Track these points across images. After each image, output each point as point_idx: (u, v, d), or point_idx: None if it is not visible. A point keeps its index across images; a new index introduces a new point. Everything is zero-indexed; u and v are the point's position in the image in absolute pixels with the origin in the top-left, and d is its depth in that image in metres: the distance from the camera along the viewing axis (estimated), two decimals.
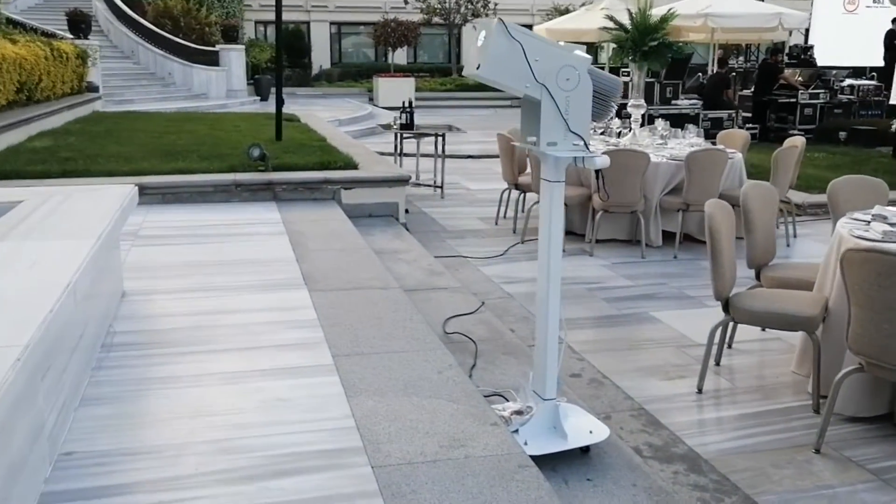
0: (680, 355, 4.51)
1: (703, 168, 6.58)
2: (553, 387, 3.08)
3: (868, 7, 21.79)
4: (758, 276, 4.58)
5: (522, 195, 7.71)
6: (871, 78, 18.26)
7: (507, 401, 3.43)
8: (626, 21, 7.48)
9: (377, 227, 6.98)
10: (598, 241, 6.86)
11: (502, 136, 7.64)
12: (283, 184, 7.15)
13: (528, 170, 7.83)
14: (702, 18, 13.48)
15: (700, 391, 4.02)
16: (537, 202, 7.46)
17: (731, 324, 4.11)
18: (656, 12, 7.92)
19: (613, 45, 7.89)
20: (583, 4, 24.87)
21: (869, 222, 4.05)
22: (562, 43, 2.79)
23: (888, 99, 15.68)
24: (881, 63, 19.08)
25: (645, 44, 6.94)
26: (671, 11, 7.44)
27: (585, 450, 3.14)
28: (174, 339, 3.69)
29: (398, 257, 5.99)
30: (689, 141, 7.49)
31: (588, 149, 2.78)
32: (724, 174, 6.84)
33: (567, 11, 24.36)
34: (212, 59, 19.83)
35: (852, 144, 13.47)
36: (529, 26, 23.06)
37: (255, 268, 4.94)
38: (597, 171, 2.84)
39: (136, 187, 4.38)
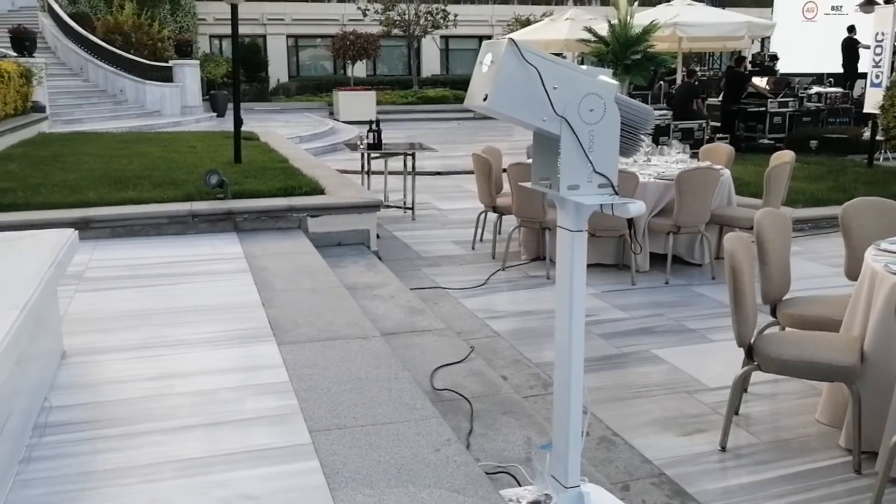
0: (693, 403, 4.08)
1: (695, 188, 6.19)
2: (576, 472, 2.60)
3: (826, 14, 21.90)
4: (773, 312, 4.18)
5: (500, 217, 7.26)
6: (829, 84, 18.25)
7: (516, 480, 2.96)
8: (605, 32, 7.08)
9: (348, 257, 6.48)
10: None
11: (478, 156, 7.19)
12: (244, 213, 6.61)
13: (506, 189, 7.40)
14: (670, 28, 13.22)
15: (723, 449, 3.58)
16: (517, 226, 7.10)
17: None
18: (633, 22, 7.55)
19: (593, 58, 7.48)
20: (544, 14, 24.71)
21: None
22: (584, 66, 2.34)
23: (855, 106, 15.64)
24: (839, 70, 19.20)
25: (627, 57, 6.54)
26: (653, 23, 7.07)
27: None
28: (123, 416, 3.15)
29: (373, 293, 5.49)
30: (675, 158, 7.12)
31: (616, 191, 2.32)
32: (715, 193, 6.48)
33: (528, 22, 24.12)
34: (165, 75, 19.13)
35: (824, 153, 13.29)
36: (489, 37, 22.88)
37: (216, 315, 4.41)
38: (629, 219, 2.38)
39: (76, 232, 3.82)
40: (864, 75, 18.57)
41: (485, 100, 2.20)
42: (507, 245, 6.73)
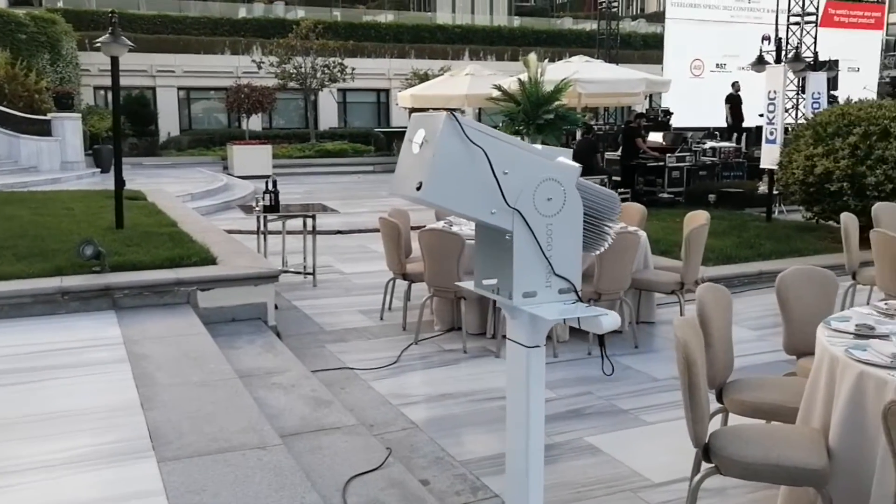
0: None
1: (615, 253, 5.88)
2: None
3: (712, 71, 22.79)
4: (718, 397, 3.82)
5: (410, 285, 6.76)
6: (718, 139, 18.82)
7: None
8: (514, 89, 6.79)
9: (242, 335, 5.83)
10: (503, 337, 5.99)
11: (386, 220, 6.70)
12: (124, 288, 5.88)
13: (417, 253, 6.93)
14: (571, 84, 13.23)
15: None
16: (431, 295, 6.62)
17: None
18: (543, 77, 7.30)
19: (505, 117, 7.18)
20: (442, 69, 24.70)
21: (857, 335, 3.38)
22: (538, 146, 1.89)
23: (747, 160, 16.09)
24: (724, 124, 19.93)
25: (539, 116, 6.24)
26: (564, 81, 6.83)
27: None
28: None
29: (272, 381, 4.86)
30: None
31: (580, 297, 1.87)
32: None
33: (427, 76, 24.06)
34: (43, 129, 17.89)
35: (722, 207, 13.47)
36: (387, 91, 22.63)
37: (83, 423, 3.71)
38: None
39: None
40: (748, 129, 19.45)
41: (418, 188, 1.71)
42: (419, 316, 6.23)
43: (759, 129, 20.31)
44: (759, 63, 11.74)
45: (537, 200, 1.81)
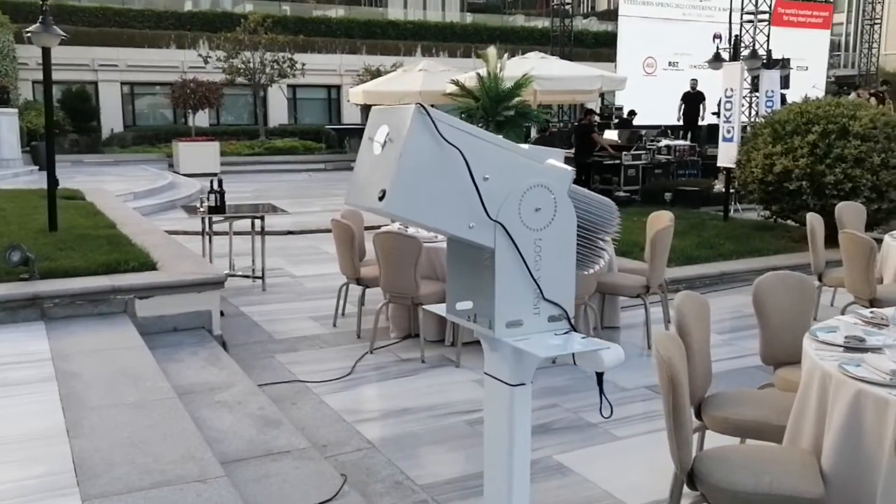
0: None
1: None
2: None
3: (664, 70, 22.83)
4: (698, 414, 3.58)
5: (365, 290, 6.42)
6: (668, 136, 18.83)
7: None
8: (473, 85, 6.49)
9: (184, 347, 5.43)
10: (463, 345, 5.70)
11: (339, 223, 6.35)
12: (54, 297, 5.43)
13: (371, 256, 6.60)
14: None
15: None
16: (387, 301, 6.28)
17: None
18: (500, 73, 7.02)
19: (462, 115, 6.88)
20: (394, 65, 24.34)
21: (847, 348, 3.16)
22: (525, 146, 1.59)
23: (701, 158, 16.06)
24: (677, 122, 19.99)
25: (499, 112, 5.95)
26: (526, 76, 6.56)
27: None
28: None
29: (216, 398, 4.49)
30: None
31: (573, 325, 1.57)
32: None
33: (378, 73, 23.66)
34: None
35: (678, 205, 13.37)
36: (338, 87, 22.19)
37: (1, 454, 3.30)
38: None
39: None
40: (699, 128, 19.52)
41: (381, 198, 1.39)
42: (374, 324, 5.90)
43: (710, 127, 20.51)
44: (716, 60, 11.65)
45: (524, 211, 1.51)
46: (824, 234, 6.62)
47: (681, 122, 19.94)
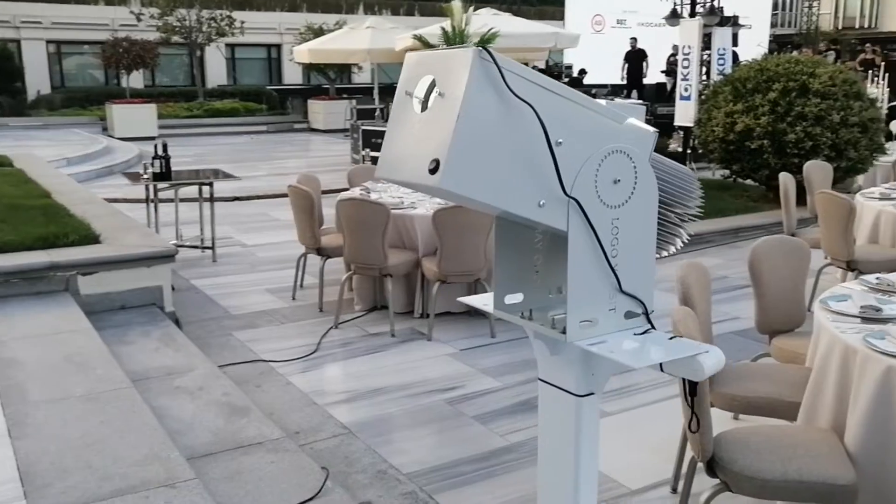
0: None
1: None
2: None
3: (613, 27, 22.64)
4: None
5: (325, 260, 6.06)
6: (619, 95, 18.70)
7: None
8: (436, 40, 6.11)
9: (135, 326, 5.02)
10: (436, 316, 5.42)
11: (296, 188, 5.95)
12: None
13: (329, 224, 6.25)
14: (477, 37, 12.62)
15: None
16: (351, 273, 5.92)
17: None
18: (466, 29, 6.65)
19: None
20: (337, 23, 23.56)
21: (863, 318, 2.97)
22: (602, 101, 1.27)
23: (654, 117, 15.95)
24: (621, 81, 19.87)
25: None
26: (491, 31, 6.21)
27: None
28: None
29: (175, 384, 4.12)
30: None
31: (652, 324, 1.28)
32: None
33: (322, 31, 22.88)
34: None
35: None
36: (278, 47, 21.43)
37: None
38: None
39: None
40: (645, 86, 19.40)
41: (433, 170, 1.07)
42: (339, 297, 5.55)
43: (659, 86, 20.41)
44: (673, 17, 11.44)
45: (600, 184, 1.21)
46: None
47: (625, 82, 19.84)
